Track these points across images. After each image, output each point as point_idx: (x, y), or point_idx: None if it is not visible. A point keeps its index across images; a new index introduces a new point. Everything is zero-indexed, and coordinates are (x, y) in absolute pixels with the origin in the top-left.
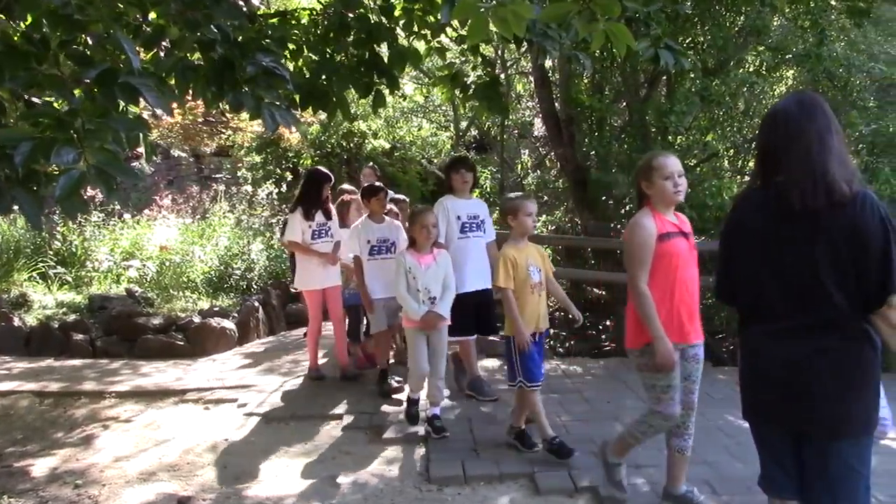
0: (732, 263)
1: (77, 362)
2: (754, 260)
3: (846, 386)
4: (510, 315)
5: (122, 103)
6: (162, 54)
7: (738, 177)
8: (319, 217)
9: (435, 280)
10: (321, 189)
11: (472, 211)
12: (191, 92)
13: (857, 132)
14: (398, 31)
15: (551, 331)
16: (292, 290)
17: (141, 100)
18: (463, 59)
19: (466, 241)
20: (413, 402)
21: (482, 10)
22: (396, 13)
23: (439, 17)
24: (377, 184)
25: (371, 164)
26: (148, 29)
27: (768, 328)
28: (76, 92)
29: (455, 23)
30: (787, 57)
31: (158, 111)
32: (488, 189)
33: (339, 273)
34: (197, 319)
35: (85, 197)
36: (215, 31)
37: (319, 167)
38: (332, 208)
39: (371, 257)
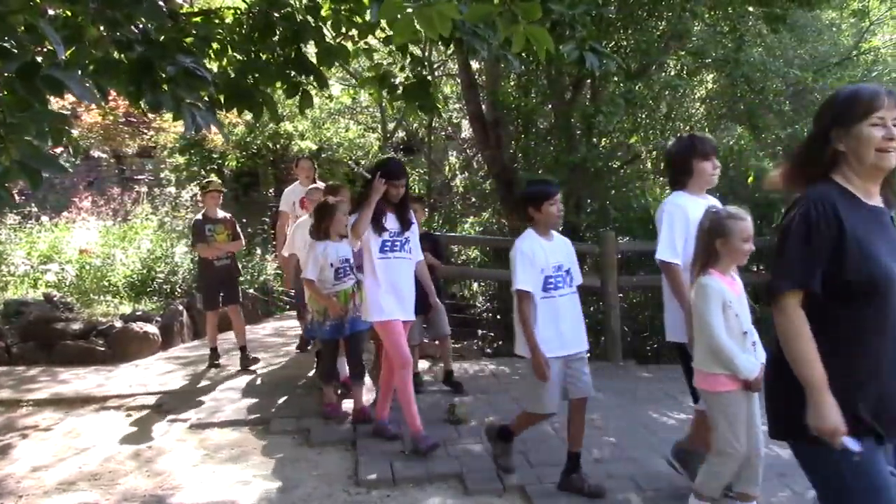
0: None
1: None
2: None
3: (767, 388)
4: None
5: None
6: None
7: (661, 178)
8: (393, 224)
9: (749, 315)
10: (388, 189)
11: None
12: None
13: (774, 135)
14: (325, 31)
15: (480, 332)
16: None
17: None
18: (390, 59)
19: None
20: None
21: (408, 9)
22: (323, 13)
23: (367, 18)
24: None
25: (306, 154)
26: (65, 31)
27: None
28: None
29: (383, 23)
30: (706, 61)
31: (86, 101)
32: (416, 191)
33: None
34: (118, 324)
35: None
36: (135, 31)
37: (391, 157)
38: (412, 214)
39: (546, 294)
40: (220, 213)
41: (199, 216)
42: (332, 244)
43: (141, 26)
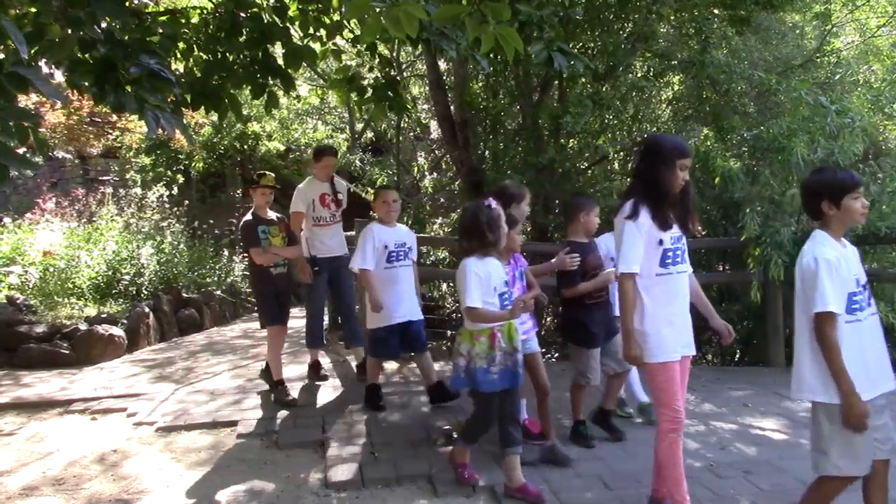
0: None
1: None
2: None
3: None
4: None
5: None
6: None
7: (629, 179)
8: (674, 228)
9: None
10: (675, 171)
11: None
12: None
13: (739, 136)
14: (293, 31)
15: (449, 332)
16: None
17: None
18: (359, 60)
19: None
20: None
21: (376, 9)
22: (291, 13)
23: (335, 18)
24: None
25: (329, 146)
26: (29, 28)
27: None
28: None
29: (351, 23)
30: (672, 63)
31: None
32: None
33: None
34: (83, 326)
35: None
36: (98, 30)
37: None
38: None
39: (852, 318)
40: (271, 213)
41: (249, 216)
42: (494, 261)
43: (105, 25)
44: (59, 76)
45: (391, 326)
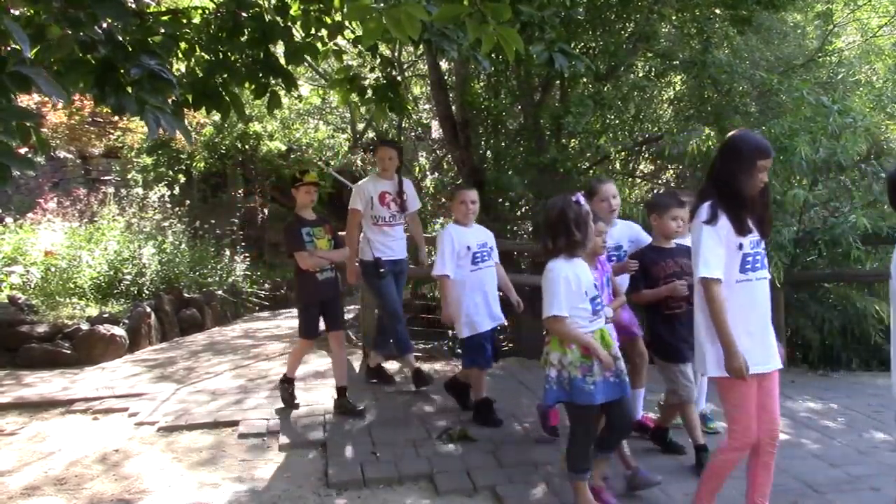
0: None
1: None
2: None
3: None
4: None
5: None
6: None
7: (630, 179)
8: (753, 232)
9: None
10: (754, 173)
11: None
12: (80, 87)
13: None
14: (294, 31)
15: (450, 332)
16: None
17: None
18: (360, 60)
19: None
20: None
21: (377, 11)
22: (293, 13)
23: (337, 18)
24: None
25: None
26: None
27: None
28: None
29: (353, 24)
30: (674, 63)
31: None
32: None
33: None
34: (85, 326)
35: None
36: (99, 31)
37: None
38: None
39: None
40: (313, 214)
41: (292, 217)
42: (581, 262)
43: (105, 26)
44: None
45: (485, 333)
